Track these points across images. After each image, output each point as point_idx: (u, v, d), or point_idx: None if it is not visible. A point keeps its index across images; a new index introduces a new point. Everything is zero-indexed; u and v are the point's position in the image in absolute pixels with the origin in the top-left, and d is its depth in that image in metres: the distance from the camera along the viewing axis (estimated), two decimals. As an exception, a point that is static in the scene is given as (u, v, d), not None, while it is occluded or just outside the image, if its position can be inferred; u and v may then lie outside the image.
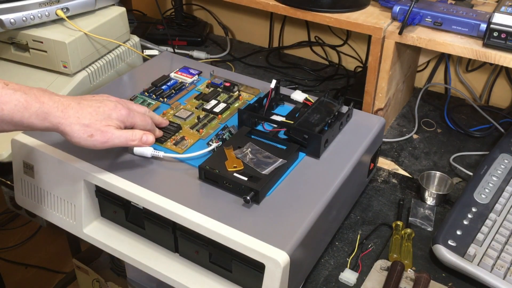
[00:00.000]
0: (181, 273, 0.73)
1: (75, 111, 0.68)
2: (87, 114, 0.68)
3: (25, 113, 0.64)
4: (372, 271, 0.77)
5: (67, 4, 1.05)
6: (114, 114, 0.71)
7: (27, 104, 0.64)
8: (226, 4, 1.46)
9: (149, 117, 0.78)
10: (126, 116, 0.72)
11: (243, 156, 0.75)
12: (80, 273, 1.17)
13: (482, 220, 0.81)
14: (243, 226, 0.66)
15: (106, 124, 0.69)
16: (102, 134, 0.68)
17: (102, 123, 0.69)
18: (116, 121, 0.71)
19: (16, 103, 0.63)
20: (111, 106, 0.72)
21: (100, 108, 0.70)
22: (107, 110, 0.70)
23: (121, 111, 0.72)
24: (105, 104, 0.71)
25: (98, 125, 0.68)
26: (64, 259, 1.80)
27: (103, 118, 0.69)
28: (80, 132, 0.67)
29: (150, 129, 0.77)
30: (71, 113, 0.67)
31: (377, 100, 1.03)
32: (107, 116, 0.70)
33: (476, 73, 1.23)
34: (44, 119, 0.66)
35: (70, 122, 0.67)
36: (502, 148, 0.95)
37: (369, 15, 1.01)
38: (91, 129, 0.68)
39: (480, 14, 0.91)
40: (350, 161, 0.79)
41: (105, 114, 0.70)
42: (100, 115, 0.69)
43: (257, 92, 0.94)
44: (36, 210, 0.85)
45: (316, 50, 1.41)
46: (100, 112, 0.70)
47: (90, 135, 0.68)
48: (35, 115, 0.65)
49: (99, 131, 0.68)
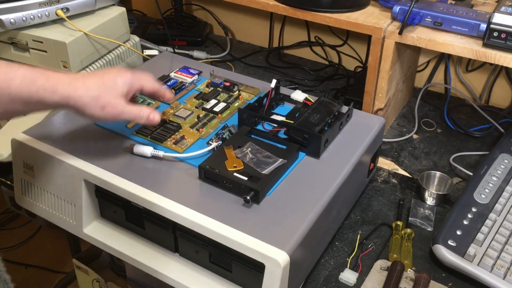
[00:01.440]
0: (181, 273, 0.73)
1: (82, 82, 0.67)
2: (94, 85, 0.68)
3: (32, 87, 0.63)
4: (372, 271, 0.77)
5: (67, 4, 1.05)
6: (119, 80, 0.70)
7: (32, 79, 0.64)
8: (226, 4, 1.46)
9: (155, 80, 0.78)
10: (131, 79, 0.72)
11: (243, 155, 0.75)
12: (80, 273, 1.17)
13: (482, 220, 0.81)
14: (243, 226, 0.66)
15: (115, 95, 0.69)
16: (113, 107, 0.69)
17: (111, 94, 0.69)
18: (123, 87, 0.70)
19: (22, 78, 0.63)
20: (114, 71, 0.71)
21: (105, 76, 0.70)
22: (112, 78, 0.70)
23: (126, 74, 0.71)
24: (109, 72, 0.71)
25: (107, 96, 0.68)
26: (64, 259, 1.80)
27: (110, 87, 0.69)
28: (92, 105, 0.67)
29: (159, 90, 0.77)
30: (79, 85, 0.67)
31: (377, 100, 1.03)
32: (113, 85, 0.69)
33: (476, 73, 1.23)
34: (53, 93, 0.65)
35: (79, 95, 0.66)
36: (502, 148, 0.95)
37: (369, 15, 1.01)
38: (102, 101, 0.68)
39: (480, 14, 0.91)
40: (350, 161, 0.79)
41: (110, 81, 0.69)
42: (106, 84, 0.69)
43: (257, 92, 0.94)
44: (36, 210, 0.85)
45: (316, 50, 1.41)
46: (106, 80, 0.69)
47: (102, 108, 0.68)
48: (42, 89, 0.64)
49: (110, 104, 0.68)
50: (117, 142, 0.81)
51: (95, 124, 0.85)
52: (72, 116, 0.87)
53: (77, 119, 0.86)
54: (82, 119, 0.85)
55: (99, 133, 0.83)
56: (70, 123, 0.86)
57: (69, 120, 0.87)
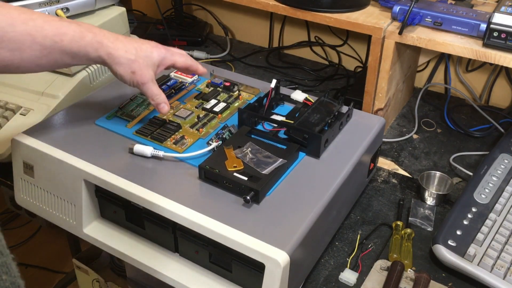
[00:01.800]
0: (181, 273, 0.73)
1: (123, 44, 0.73)
2: (133, 49, 0.73)
3: (81, 42, 0.69)
4: (372, 271, 0.77)
5: (67, 4, 1.05)
6: (155, 52, 0.76)
7: (81, 34, 0.69)
8: (226, 4, 1.46)
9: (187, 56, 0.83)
10: (165, 53, 0.78)
11: (243, 155, 0.75)
12: (80, 273, 1.17)
13: (482, 220, 0.81)
14: (243, 226, 0.66)
15: (147, 65, 0.75)
16: (141, 75, 0.74)
17: (144, 62, 0.74)
18: (157, 59, 0.76)
19: (73, 33, 0.69)
20: (152, 44, 0.77)
21: (144, 45, 0.75)
22: (149, 48, 0.76)
23: (161, 49, 0.77)
24: (148, 42, 0.77)
25: (141, 63, 0.74)
26: (64, 259, 1.80)
27: (146, 56, 0.75)
28: (125, 67, 0.73)
29: (191, 64, 0.82)
30: (120, 45, 0.72)
31: (377, 100, 1.03)
32: (149, 54, 0.75)
33: (476, 73, 1.23)
34: (97, 49, 0.71)
35: (119, 54, 0.72)
36: (502, 148, 0.95)
37: (369, 15, 1.01)
38: (135, 66, 0.73)
39: (480, 14, 0.91)
40: (350, 161, 0.79)
41: (147, 51, 0.75)
42: (143, 52, 0.74)
43: (257, 92, 0.94)
44: (36, 210, 0.85)
45: (316, 50, 1.41)
46: (143, 49, 0.75)
47: (133, 72, 0.74)
48: (90, 45, 0.70)
49: (140, 71, 0.74)
50: (117, 142, 0.81)
51: (95, 124, 0.85)
52: (72, 116, 0.88)
53: (77, 119, 0.86)
54: (82, 119, 0.86)
55: (99, 133, 0.83)
56: (70, 123, 0.86)
57: (69, 120, 0.87)
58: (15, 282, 0.40)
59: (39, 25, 0.66)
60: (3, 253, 0.40)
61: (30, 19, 0.66)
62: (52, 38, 0.67)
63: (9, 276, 0.40)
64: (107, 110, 0.88)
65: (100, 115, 0.87)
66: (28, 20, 0.66)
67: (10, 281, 0.40)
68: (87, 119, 0.86)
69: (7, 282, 0.39)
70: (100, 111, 0.88)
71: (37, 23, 0.66)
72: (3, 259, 0.40)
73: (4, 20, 0.64)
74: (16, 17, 0.65)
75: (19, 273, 0.41)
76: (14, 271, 0.41)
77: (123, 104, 0.89)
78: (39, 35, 0.66)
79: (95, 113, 0.87)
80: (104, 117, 0.87)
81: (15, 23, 0.65)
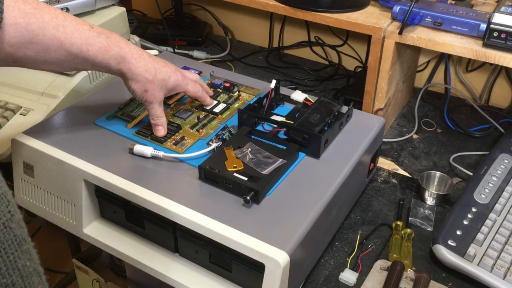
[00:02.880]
0: (181, 273, 0.73)
1: (146, 63, 0.75)
2: (153, 70, 0.76)
3: (106, 55, 0.71)
4: (372, 271, 0.77)
5: (67, 4, 1.05)
6: (172, 78, 0.79)
7: (108, 47, 0.71)
8: (226, 4, 1.46)
9: (199, 85, 0.86)
10: (181, 81, 0.81)
11: (243, 156, 0.75)
12: (80, 273, 1.17)
13: (482, 220, 0.81)
14: (243, 226, 0.66)
15: (161, 88, 0.78)
16: (151, 95, 0.77)
17: (159, 84, 0.77)
18: (171, 85, 0.79)
19: (100, 45, 0.70)
20: (172, 69, 0.80)
21: (164, 68, 0.78)
22: (169, 72, 0.78)
23: (178, 76, 0.80)
24: (168, 66, 0.79)
25: (156, 85, 0.77)
26: (64, 259, 1.80)
27: (162, 79, 0.77)
28: (140, 84, 0.76)
29: (201, 95, 0.86)
30: (142, 64, 0.75)
31: (377, 100, 1.03)
32: (167, 78, 0.78)
33: (476, 73, 1.23)
34: (119, 63, 0.73)
35: (138, 72, 0.75)
36: (502, 148, 0.95)
37: (369, 15, 1.01)
38: (149, 85, 0.76)
39: (480, 14, 0.91)
40: (350, 161, 0.79)
41: (165, 75, 0.78)
42: (161, 75, 0.77)
43: (257, 92, 0.94)
44: (36, 210, 0.85)
45: (316, 50, 1.41)
46: (163, 72, 0.77)
47: (146, 90, 0.76)
48: (113, 58, 0.72)
49: (152, 92, 0.77)
50: (117, 142, 0.81)
51: (95, 124, 0.85)
52: (72, 116, 0.88)
53: (77, 119, 0.86)
54: (82, 119, 0.86)
55: (99, 133, 0.83)
56: (70, 123, 0.86)
57: (69, 120, 0.87)
58: (37, 269, 0.42)
59: (69, 32, 0.68)
60: (26, 240, 0.41)
61: (61, 25, 0.67)
62: (79, 46, 0.68)
63: (32, 262, 0.41)
64: (107, 110, 0.88)
65: (100, 115, 0.87)
66: (59, 26, 0.67)
67: (33, 267, 0.41)
68: (87, 119, 0.86)
69: (30, 268, 0.40)
70: (100, 111, 0.88)
71: (67, 30, 0.67)
72: (26, 246, 0.41)
73: (36, 24, 0.64)
74: (48, 21, 0.66)
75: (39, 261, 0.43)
76: (35, 258, 0.42)
77: (123, 105, 0.89)
78: (67, 42, 0.68)
79: (95, 113, 0.87)
80: (104, 117, 0.87)
81: (46, 27, 0.65)
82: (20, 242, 0.40)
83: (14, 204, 0.40)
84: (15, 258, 0.39)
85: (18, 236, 0.39)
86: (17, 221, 0.40)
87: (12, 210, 0.39)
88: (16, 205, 0.40)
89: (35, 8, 0.65)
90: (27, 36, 0.64)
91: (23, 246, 0.40)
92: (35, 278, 0.41)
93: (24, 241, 0.40)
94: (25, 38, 0.64)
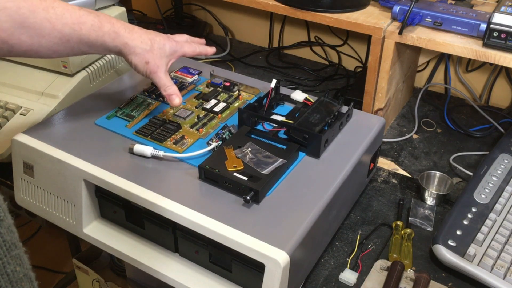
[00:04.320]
0: (181, 273, 0.73)
1: (139, 35, 0.76)
2: (148, 40, 0.76)
3: (99, 32, 0.71)
4: (372, 271, 0.77)
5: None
6: (167, 45, 0.79)
7: (100, 24, 0.71)
8: (226, 4, 1.46)
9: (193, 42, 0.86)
10: (175, 46, 0.80)
11: (243, 155, 0.75)
12: (80, 273, 1.17)
13: (482, 220, 0.81)
14: (243, 226, 0.66)
15: (161, 56, 0.77)
16: (154, 65, 0.77)
17: (158, 53, 0.77)
18: (169, 51, 0.79)
19: (92, 23, 0.71)
20: (164, 37, 0.79)
21: (157, 37, 0.78)
22: (162, 40, 0.78)
23: (172, 42, 0.80)
24: (160, 35, 0.79)
25: (155, 54, 0.77)
26: (64, 259, 1.80)
27: (159, 48, 0.77)
28: (140, 56, 0.76)
29: (200, 51, 0.85)
30: (136, 36, 0.75)
31: (377, 100, 1.03)
32: (162, 46, 0.78)
33: (476, 73, 1.23)
34: (114, 39, 0.73)
35: (135, 44, 0.75)
36: (502, 148, 0.95)
37: (369, 15, 1.01)
38: (148, 56, 0.76)
39: (480, 14, 0.91)
40: (350, 161, 0.79)
41: (160, 43, 0.78)
42: (157, 44, 0.77)
43: (257, 92, 0.94)
44: (36, 210, 0.85)
45: (316, 50, 1.41)
46: (157, 41, 0.77)
47: (147, 62, 0.76)
48: (107, 35, 0.72)
49: (153, 61, 0.77)
50: (117, 142, 0.81)
51: (95, 124, 0.85)
52: (72, 116, 0.88)
53: (77, 119, 0.86)
54: (82, 119, 0.86)
55: (99, 133, 0.83)
56: (70, 123, 0.86)
57: (69, 120, 0.87)
58: (27, 274, 0.41)
59: (59, 13, 0.68)
60: (17, 245, 0.41)
61: (50, 6, 0.67)
62: (71, 26, 0.69)
63: (22, 268, 0.41)
64: (107, 110, 0.88)
65: (100, 115, 0.87)
66: (49, 8, 0.67)
67: (23, 272, 0.41)
68: (87, 119, 0.86)
69: (20, 274, 0.40)
70: (100, 111, 0.88)
71: (57, 11, 0.68)
72: (17, 251, 0.41)
73: (25, 7, 0.65)
74: (37, 4, 0.66)
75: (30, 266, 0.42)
76: (26, 264, 0.42)
77: (123, 104, 0.89)
78: (59, 23, 0.68)
79: (95, 113, 0.87)
80: (104, 117, 0.87)
81: (36, 9, 0.66)
82: (9, 247, 0.39)
83: (4, 209, 0.40)
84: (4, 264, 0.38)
85: (8, 241, 0.39)
86: (7, 226, 0.39)
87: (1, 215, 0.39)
88: (7, 210, 0.40)
89: None
90: (18, 20, 0.65)
91: (13, 251, 0.40)
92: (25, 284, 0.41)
93: (14, 246, 0.40)
94: (17, 22, 0.64)
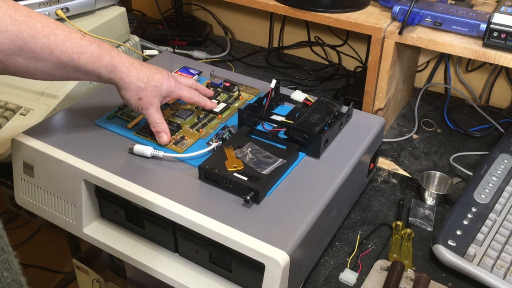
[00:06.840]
0: (181, 273, 0.73)
1: (137, 71, 0.75)
2: (145, 77, 0.76)
3: (97, 63, 0.71)
4: (372, 271, 0.77)
5: (67, 4, 1.05)
6: (165, 84, 0.78)
7: (100, 56, 0.71)
8: (226, 4, 1.46)
9: (195, 90, 0.85)
10: (174, 87, 0.80)
11: (243, 156, 0.75)
12: (80, 273, 1.17)
13: (482, 220, 0.81)
14: (243, 226, 0.66)
15: (155, 95, 0.77)
16: (146, 103, 0.77)
17: (152, 91, 0.77)
18: (165, 91, 0.78)
19: (91, 54, 0.71)
20: (165, 75, 0.79)
21: (156, 75, 0.77)
22: (161, 78, 0.78)
23: (171, 81, 0.79)
24: (160, 72, 0.79)
25: (149, 92, 0.76)
26: (64, 259, 1.80)
27: (155, 86, 0.77)
28: (133, 92, 0.76)
29: (197, 100, 0.84)
30: (134, 72, 0.75)
31: (377, 100, 1.03)
32: (159, 85, 0.77)
33: (476, 73, 1.23)
34: (110, 72, 0.73)
35: (130, 80, 0.75)
36: (502, 148, 0.95)
37: (369, 15, 1.01)
38: (142, 93, 0.76)
39: (480, 14, 0.91)
40: (350, 161, 0.79)
41: (158, 81, 0.77)
42: (154, 82, 0.77)
43: (257, 92, 0.94)
44: (36, 210, 0.85)
45: (316, 50, 1.41)
46: (155, 79, 0.77)
47: (140, 98, 0.76)
48: (104, 67, 0.72)
49: (146, 99, 0.77)
50: (117, 142, 0.81)
51: (95, 124, 0.85)
52: (72, 116, 0.88)
53: (77, 119, 0.86)
54: (82, 119, 0.86)
55: (99, 133, 0.83)
56: (70, 123, 0.86)
57: (69, 120, 0.87)
58: (17, 279, 0.41)
59: (60, 40, 0.68)
60: (5, 250, 0.40)
61: (52, 33, 0.67)
62: (70, 55, 0.69)
63: (11, 273, 0.40)
64: (107, 110, 0.88)
65: (100, 115, 0.87)
66: (50, 35, 0.67)
67: (11, 278, 0.40)
68: (87, 119, 0.86)
69: (8, 279, 0.40)
70: (100, 111, 0.88)
71: (58, 38, 0.68)
72: (5, 256, 0.40)
73: (27, 31, 0.65)
74: (39, 29, 0.66)
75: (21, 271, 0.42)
76: (16, 268, 0.41)
77: (123, 104, 0.89)
78: (58, 50, 0.68)
79: (95, 113, 0.87)
80: (104, 117, 0.87)
81: (37, 35, 0.66)
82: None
83: None
84: None
85: None
86: None
87: None
88: None
89: (26, 16, 0.65)
90: (18, 43, 0.65)
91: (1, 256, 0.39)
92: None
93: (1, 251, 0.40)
94: (16, 45, 0.65)
